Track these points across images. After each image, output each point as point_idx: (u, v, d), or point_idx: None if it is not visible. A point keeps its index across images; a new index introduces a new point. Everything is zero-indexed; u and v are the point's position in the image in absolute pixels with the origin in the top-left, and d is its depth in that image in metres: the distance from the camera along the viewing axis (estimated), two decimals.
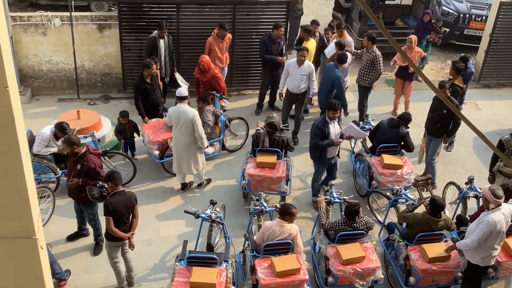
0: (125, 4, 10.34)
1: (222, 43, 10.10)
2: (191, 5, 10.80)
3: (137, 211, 6.54)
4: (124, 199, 6.31)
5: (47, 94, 10.93)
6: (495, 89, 12.53)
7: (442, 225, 6.63)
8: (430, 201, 6.62)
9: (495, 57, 12.21)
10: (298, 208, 8.30)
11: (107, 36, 10.62)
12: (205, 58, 9.24)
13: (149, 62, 8.87)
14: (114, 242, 6.43)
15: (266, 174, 7.85)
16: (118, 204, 6.24)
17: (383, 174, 8.00)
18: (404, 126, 8.30)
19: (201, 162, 8.31)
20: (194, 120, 7.90)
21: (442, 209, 6.59)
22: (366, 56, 9.90)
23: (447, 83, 8.53)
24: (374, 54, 9.79)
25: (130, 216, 6.47)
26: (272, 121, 8.05)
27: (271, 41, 9.97)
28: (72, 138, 6.77)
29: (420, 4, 13.18)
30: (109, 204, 6.20)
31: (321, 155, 7.97)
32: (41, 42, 10.46)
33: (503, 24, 11.84)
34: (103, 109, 10.45)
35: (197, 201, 8.29)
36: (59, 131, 7.80)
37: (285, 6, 11.01)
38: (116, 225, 6.27)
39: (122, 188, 6.36)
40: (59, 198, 8.14)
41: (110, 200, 6.26)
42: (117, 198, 6.26)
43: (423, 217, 6.60)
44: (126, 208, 6.33)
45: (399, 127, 8.25)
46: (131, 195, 6.46)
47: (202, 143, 8.12)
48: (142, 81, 8.83)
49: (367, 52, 9.91)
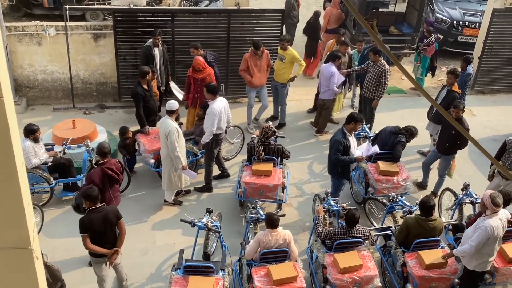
0: (120, 14, 10.36)
1: (260, 60, 9.91)
2: (186, 14, 10.86)
3: (123, 226, 6.28)
4: (100, 216, 6.06)
5: (42, 104, 10.91)
6: (490, 95, 12.60)
7: (435, 225, 6.60)
8: (419, 203, 6.66)
9: (489, 63, 12.29)
10: (294, 216, 8.38)
11: (102, 45, 10.63)
12: (200, 59, 9.16)
13: (142, 69, 8.91)
14: (96, 258, 6.29)
15: (262, 182, 7.84)
16: (92, 222, 6.04)
17: (379, 181, 8.00)
18: (404, 136, 8.26)
19: (174, 182, 8.09)
20: (168, 136, 7.67)
21: (431, 208, 6.57)
22: (374, 70, 9.68)
23: (461, 103, 8.32)
24: (383, 68, 9.60)
25: (115, 231, 6.26)
26: (266, 130, 8.06)
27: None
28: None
29: (413, 12, 13.27)
30: (83, 222, 6.07)
31: (344, 170, 7.82)
32: (36, 51, 10.45)
33: (496, 31, 11.93)
34: (99, 118, 10.44)
35: (193, 209, 8.27)
36: (31, 133, 7.75)
37: (280, 14, 11.06)
38: (97, 242, 6.12)
39: (98, 205, 6.12)
40: (54, 208, 8.11)
41: (83, 218, 6.11)
42: (91, 216, 6.06)
43: (414, 220, 6.61)
44: (103, 225, 6.09)
45: (399, 135, 8.26)
46: (110, 210, 6.18)
47: (176, 162, 7.86)
48: (140, 87, 8.85)
49: (374, 65, 9.68)
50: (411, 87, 12.40)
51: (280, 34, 10.99)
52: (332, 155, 7.72)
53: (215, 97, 8.28)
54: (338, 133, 7.74)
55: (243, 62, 10.00)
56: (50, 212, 8.06)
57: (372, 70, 9.74)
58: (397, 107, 11.43)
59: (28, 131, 7.75)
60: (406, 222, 6.66)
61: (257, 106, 10.70)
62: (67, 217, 7.89)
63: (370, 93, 9.88)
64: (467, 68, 9.82)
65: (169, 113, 7.82)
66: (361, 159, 7.80)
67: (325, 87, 9.98)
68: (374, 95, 9.86)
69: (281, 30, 11.07)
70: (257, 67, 9.94)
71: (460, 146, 8.42)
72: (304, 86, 11.43)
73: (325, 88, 9.99)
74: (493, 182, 8.07)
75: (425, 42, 11.36)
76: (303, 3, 15.23)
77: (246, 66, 9.93)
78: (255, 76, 9.96)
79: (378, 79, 9.69)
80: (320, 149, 9.99)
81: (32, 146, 7.72)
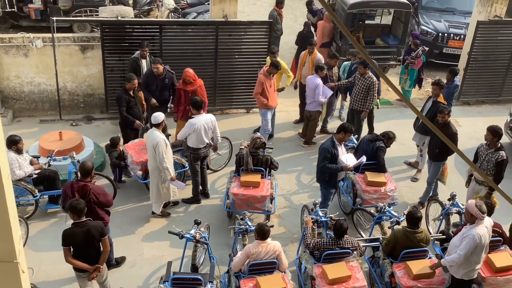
0: (107, 25, 10.36)
1: (272, 79, 9.86)
2: (173, 26, 10.89)
3: (106, 243, 6.20)
4: (83, 231, 5.99)
5: (29, 116, 10.84)
6: (475, 106, 12.76)
7: (422, 237, 6.64)
8: (406, 215, 6.69)
9: (474, 75, 12.46)
10: (283, 226, 8.37)
11: (89, 57, 10.61)
12: (190, 72, 9.14)
13: (131, 75, 8.95)
14: (78, 273, 6.21)
15: (250, 193, 7.84)
16: (73, 236, 5.99)
17: (367, 192, 8.04)
18: (382, 141, 8.32)
19: (163, 194, 8.07)
20: (155, 147, 7.66)
21: (418, 220, 6.61)
22: (362, 82, 9.74)
23: (446, 108, 8.48)
24: (371, 80, 9.68)
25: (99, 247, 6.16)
26: (257, 141, 8.08)
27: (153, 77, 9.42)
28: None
29: (399, 24, 13.44)
30: (64, 234, 6.01)
31: (330, 178, 7.88)
32: (23, 63, 10.40)
33: (480, 43, 12.10)
34: (86, 130, 10.39)
35: (181, 221, 8.23)
36: (13, 144, 7.69)
37: (267, 26, 11.14)
38: (79, 257, 6.05)
39: (83, 219, 6.05)
40: (39, 221, 8.03)
41: (66, 230, 6.06)
42: (74, 230, 6.00)
43: (401, 233, 6.64)
44: (84, 240, 6.01)
45: (376, 142, 8.32)
46: (94, 226, 6.07)
47: (164, 174, 7.85)
48: (126, 93, 8.87)
49: (362, 78, 9.74)
50: (398, 98, 12.52)
51: (267, 46, 11.06)
52: (319, 162, 7.82)
53: (199, 112, 8.28)
54: (327, 141, 7.86)
55: (258, 85, 9.73)
56: (35, 225, 7.97)
57: (360, 83, 9.80)
58: (384, 118, 11.52)
59: (10, 142, 7.67)
60: (394, 235, 6.69)
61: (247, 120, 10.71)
62: (53, 230, 7.81)
63: (358, 105, 9.94)
64: (455, 79, 9.94)
65: (155, 126, 7.83)
66: (348, 168, 7.85)
67: (310, 98, 10.04)
68: (362, 107, 9.93)
69: (268, 42, 11.14)
70: (271, 87, 9.83)
71: (449, 152, 8.53)
72: (292, 97, 11.49)
73: (311, 100, 10.05)
74: (469, 187, 8.25)
75: (413, 55, 11.49)
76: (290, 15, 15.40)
77: (261, 88, 9.72)
78: (270, 97, 9.81)
79: (366, 92, 9.77)
80: (308, 160, 10.02)
81: (16, 158, 7.64)
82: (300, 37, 12.76)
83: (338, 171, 7.82)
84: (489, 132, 7.81)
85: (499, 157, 7.71)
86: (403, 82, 11.94)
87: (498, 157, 7.71)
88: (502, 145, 7.86)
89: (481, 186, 7.98)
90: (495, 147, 7.77)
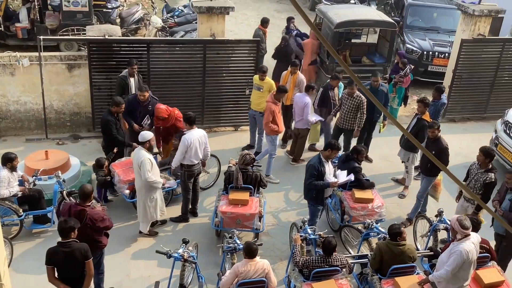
0: (95, 44, 10.37)
1: (279, 104, 9.79)
2: (161, 44, 10.92)
3: (90, 267, 6.07)
4: (65, 252, 5.90)
5: (15, 135, 10.74)
6: (460, 123, 12.90)
7: (405, 250, 6.64)
8: (388, 230, 6.78)
9: (459, 92, 12.62)
10: (272, 245, 8.33)
11: (76, 75, 10.58)
12: (161, 108, 8.93)
13: (120, 100, 8.89)
14: None
15: (239, 211, 7.81)
16: (56, 255, 5.92)
17: (354, 208, 8.05)
18: (354, 161, 8.34)
19: (150, 213, 8.02)
20: (140, 166, 7.65)
21: (397, 234, 6.62)
22: (351, 102, 9.78)
23: (436, 123, 8.62)
24: (360, 99, 9.75)
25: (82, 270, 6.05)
26: (246, 157, 8.07)
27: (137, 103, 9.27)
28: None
29: (385, 42, 13.61)
30: (48, 252, 5.95)
31: (317, 195, 7.89)
32: (9, 82, 10.34)
33: (465, 61, 12.29)
34: (72, 149, 10.31)
35: (169, 240, 8.15)
36: (9, 162, 7.65)
37: (254, 45, 11.22)
38: (62, 279, 5.96)
39: (69, 240, 5.95)
40: (23, 242, 7.91)
41: (50, 249, 6.00)
42: (57, 249, 5.94)
43: (384, 245, 6.68)
44: (65, 261, 5.92)
45: (349, 162, 8.35)
46: (78, 248, 5.96)
47: (156, 186, 7.82)
48: (112, 116, 8.84)
49: (351, 98, 9.78)
50: None
51: (255, 64, 11.12)
52: (306, 179, 7.85)
53: (191, 127, 8.28)
54: (314, 158, 7.91)
55: (269, 114, 9.55)
56: (20, 246, 7.85)
57: (349, 103, 9.83)
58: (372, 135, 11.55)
59: (5, 159, 7.63)
60: (378, 247, 6.74)
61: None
62: (38, 250, 7.68)
63: (348, 124, 9.97)
64: (442, 97, 10.06)
65: (141, 144, 7.80)
66: (334, 185, 7.86)
67: (299, 116, 10.08)
68: (352, 125, 9.97)
69: (256, 60, 11.20)
70: (279, 112, 9.82)
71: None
72: None
73: (299, 118, 10.09)
74: (458, 203, 8.33)
75: (401, 73, 11.65)
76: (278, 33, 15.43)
77: (272, 117, 9.63)
78: (279, 122, 9.81)
79: (355, 111, 9.83)
80: (297, 177, 10.01)
81: (7, 176, 7.59)
82: (277, 51, 12.82)
83: (325, 188, 7.84)
84: (481, 153, 7.88)
85: (487, 179, 7.76)
86: (391, 101, 12.03)
87: (487, 178, 7.76)
88: (493, 167, 7.91)
89: (468, 204, 8.03)
90: (486, 167, 7.84)
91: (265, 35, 12.96)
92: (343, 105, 9.97)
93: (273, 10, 19.50)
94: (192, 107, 10.77)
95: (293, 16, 13.83)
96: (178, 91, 10.96)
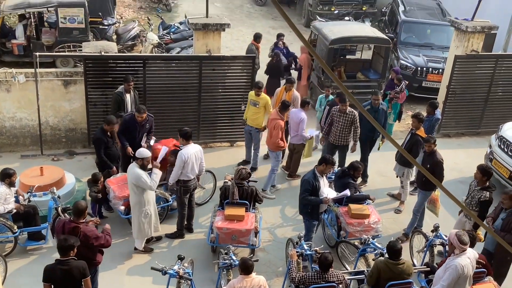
0: (91, 60, 10.40)
1: (284, 120, 9.86)
2: (157, 61, 10.96)
3: (88, 285, 6.04)
4: (63, 270, 5.87)
5: (10, 151, 10.70)
6: (455, 138, 12.95)
7: (404, 268, 6.61)
8: (387, 247, 6.69)
9: (453, 107, 12.69)
10: (268, 261, 8.29)
11: (72, 91, 10.60)
12: (157, 150, 8.93)
13: (112, 119, 8.90)
14: None
15: (234, 227, 7.78)
16: (53, 273, 5.89)
17: (351, 224, 8.04)
18: (349, 176, 8.35)
19: (145, 229, 8.02)
20: (135, 183, 7.70)
21: (398, 252, 6.59)
22: (344, 118, 9.77)
23: (432, 138, 8.69)
24: (353, 114, 9.77)
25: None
26: (242, 172, 8.08)
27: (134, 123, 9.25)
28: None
29: (379, 59, 13.71)
30: (45, 270, 5.92)
31: (312, 210, 7.89)
32: (5, 98, 10.34)
33: (458, 76, 12.38)
34: (67, 165, 10.28)
35: (164, 256, 8.10)
36: (7, 177, 7.65)
37: (250, 61, 11.29)
38: None
39: (67, 258, 5.92)
40: (18, 259, 7.84)
41: (47, 266, 5.98)
42: (55, 267, 5.91)
43: (383, 263, 6.62)
44: (63, 279, 5.87)
45: (345, 177, 8.35)
46: (76, 266, 5.93)
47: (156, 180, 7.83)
48: (104, 134, 8.84)
49: (344, 115, 9.77)
50: None
51: (250, 80, 11.18)
52: (300, 194, 7.86)
53: (188, 142, 8.29)
54: (308, 173, 7.92)
55: (280, 131, 9.67)
56: (14, 263, 7.79)
57: (342, 120, 9.82)
58: None
59: (4, 175, 7.63)
60: (376, 266, 6.67)
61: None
62: (33, 267, 7.62)
63: (343, 140, 9.96)
64: (436, 112, 10.12)
65: (137, 160, 7.81)
66: (327, 202, 7.86)
67: (294, 131, 10.10)
68: (347, 141, 9.98)
69: (251, 76, 11.26)
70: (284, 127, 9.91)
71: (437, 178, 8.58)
72: None
73: (295, 133, 10.11)
74: (458, 218, 8.33)
75: (397, 90, 11.75)
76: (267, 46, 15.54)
77: (281, 133, 9.73)
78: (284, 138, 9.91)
79: (349, 127, 9.85)
80: (292, 193, 9.99)
81: (5, 192, 7.57)
82: (269, 67, 12.89)
83: (319, 203, 7.83)
84: (478, 170, 7.95)
85: (482, 197, 7.79)
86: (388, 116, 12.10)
87: (481, 196, 7.80)
88: (490, 186, 7.93)
89: (466, 219, 8.03)
90: (483, 185, 7.88)
91: (258, 50, 13.04)
92: (336, 122, 9.91)
93: (268, 26, 19.65)
94: (188, 122, 10.78)
95: (283, 33, 13.91)
96: (174, 107, 10.99)
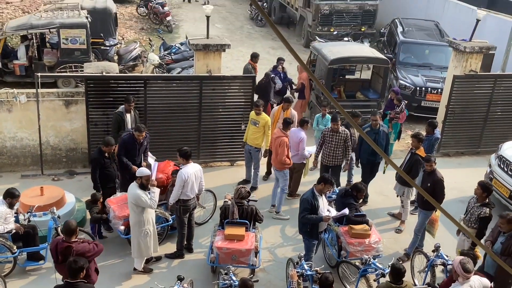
0: (92, 80, 10.47)
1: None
2: (158, 81, 11.05)
3: None
4: None
5: (10, 171, 10.71)
6: (455, 157, 12.97)
7: None
8: (390, 269, 6.63)
9: (452, 127, 12.74)
10: (268, 281, 8.23)
11: (73, 111, 10.65)
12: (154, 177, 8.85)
13: (111, 141, 8.91)
14: None
15: (234, 246, 7.75)
16: None
17: (351, 244, 8.00)
18: (351, 197, 8.30)
19: (144, 249, 8.00)
20: (135, 203, 7.72)
21: (402, 275, 6.55)
22: (337, 138, 9.77)
23: (433, 157, 8.75)
24: (346, 133, 9.81)
25: None
26: (241, 191, 8.08)
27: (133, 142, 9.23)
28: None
29: (378, 78, 13.81)
30: None
31: (312, 229, 7.86)
32: (6, 118, 10.39)
33: (457, 96, 12.45)
34: (68, 185, 10.28)
35: (164, 277, 8.05)
36: (11, 198, 7.67)
37: (250, 81, 11.37)
38: None
39: (76, 281, 5.86)
40: (17, 279, 7.79)
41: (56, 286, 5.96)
42: None
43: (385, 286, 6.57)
44: None
45: (347, 197, 8.34)
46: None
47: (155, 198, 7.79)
48: (101, 156, 8.84)
49: (337, 134, 9.77)
50: None
51: (250, 100, 11.24)
52: (299, 213, 7.85)
53: (188, 162, 8.31)
54: (307, 192, 7.92)
55: (286, 149, 9.72)
56: (13, 284, 7.73)
57: (335, 139, 9.81)
58: None
59: (7, 194, 7.66)
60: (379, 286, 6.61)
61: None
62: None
63: (336, 160, 9.95)
64: (435, 132, 10.16)
65: (136, 179, 7.81)
66: (328, 219, 7.85)
67: (294, 151, 10.12)
68: (340, 161, 9.98)
69: (252, 96, 11.33)
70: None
71: (437, 199, 8.55)
72: None
73: (295, 152, 10.13)
74: (458, 238, 8.31)
75: (397, 110, 11.83)
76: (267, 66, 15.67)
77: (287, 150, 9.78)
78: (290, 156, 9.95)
79: (342, 146, 9.85)
80: (292, 212, 9.98)
81: (5, 212, 7.58)
82: (259, 87, 12.96)
83: (319, 222, 7.81)
84: (479, 186, 7.96)
85: (481, 213, 7.80)
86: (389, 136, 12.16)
87: (481, 212, 7.80)
88: (490, 203, 7.94)
89: (464, 237, 8.02)
90: (482, 201, 7.88)
91: (254, 70, 13.12)
92: (327, 142, 9.89)
93: (268, 47, 19.83)
94: (188, 142, 10.81)
95: (283, 58, 14.00)
96: (174, 126, 11.04)
